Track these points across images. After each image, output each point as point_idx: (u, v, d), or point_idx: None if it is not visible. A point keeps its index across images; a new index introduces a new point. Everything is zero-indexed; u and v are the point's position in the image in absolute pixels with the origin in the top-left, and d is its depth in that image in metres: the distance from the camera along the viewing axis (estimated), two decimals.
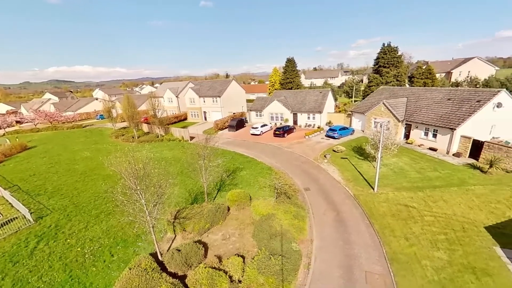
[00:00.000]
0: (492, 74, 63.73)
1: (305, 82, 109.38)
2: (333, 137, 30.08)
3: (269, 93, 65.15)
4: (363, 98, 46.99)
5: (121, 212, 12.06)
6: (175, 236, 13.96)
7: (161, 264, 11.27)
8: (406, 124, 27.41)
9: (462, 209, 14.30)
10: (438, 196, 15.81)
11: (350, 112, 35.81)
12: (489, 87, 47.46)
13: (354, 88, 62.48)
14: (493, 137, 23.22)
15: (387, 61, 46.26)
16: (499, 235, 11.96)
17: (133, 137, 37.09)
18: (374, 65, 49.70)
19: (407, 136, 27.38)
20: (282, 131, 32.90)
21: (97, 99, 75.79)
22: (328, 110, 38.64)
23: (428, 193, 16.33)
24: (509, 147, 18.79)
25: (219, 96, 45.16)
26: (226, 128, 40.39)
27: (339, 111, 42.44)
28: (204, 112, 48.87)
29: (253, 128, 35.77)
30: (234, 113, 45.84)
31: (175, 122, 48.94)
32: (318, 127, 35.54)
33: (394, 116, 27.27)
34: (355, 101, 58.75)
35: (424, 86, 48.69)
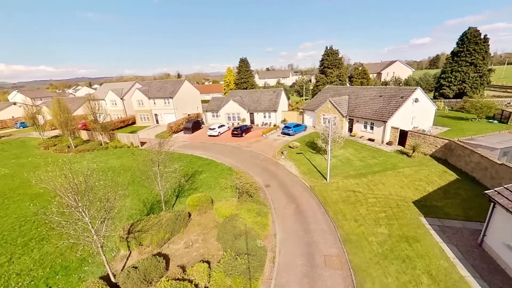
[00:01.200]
0: (410, 74, 76.85)
1: (259, 82, 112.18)
2: (288, 134, 31.74)
3: (225, 93, 64.74)
4: (312, 97, 50.85)
5: (58, 235, 10.36)
6: (130, 252, 12.67)
7: (115, 287, 10.08)
8: (349, 118, 30.79)
9: (396, 189, 16.88)
10: (377, 180, 18.28)
11: (302, 110, 38.29)
12: (408, 86, 57.05)
13: (304, 87, 67.09)
14: (414, 127, 28.05)
15: (330, 63, 51.09)
16: (422, 207, 14.54)
17: (68, 147, 32.01)
18: (320, 66, 54.32)
19: (350, 129, 30.80)
20: (240, 131, 33.09)
21: (15, 103, 62.66)
22: (282, 108, 40.54)
23: (370, 178, 18.73)
24: (425, 134, 23.00)
25: (171, 97, 42.64)
26: (181, 130, 38.47)
27: (292, 109, 44.96)
28: (155, 114, 45.47)
29: (210, 129, 34.98)
30: (189, 115, 43.97)
31: (122, 127, 44.23)
32: (274, 125, 36.96)
33: (339, 112, 30.31)
34: (305, 99, 63.11)
35: (361, 85, 55.57)
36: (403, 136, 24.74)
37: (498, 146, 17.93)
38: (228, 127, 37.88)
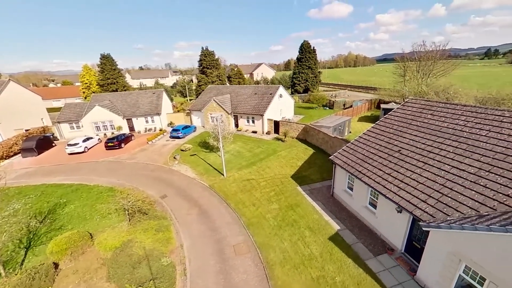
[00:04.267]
0: (273, 75, 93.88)
1: (133, 82, 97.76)
2: (178, 137, 30.15)
3: (85, 98, 51.25)
4: (197, 97, 50.73)
5: None
6: None
7: None
8: (234, 115, 33.51)
9: (278, 169, 20.46)
10: (265, 165, 21.34)
11: (188, 111, 37.37)
12: (274, 84, 69.58)
13: (187, 87, 65.55)
14: (283, 117, 34.87)
15: (209, 63, 52.83)
16: (297, 179, 18.58)
17: None
18: (199, 67, 54.90)
19: (236, 125, 33.69)
20: (117, 141, 27.64)
21: None
22: (167, 111, 37.73)
23: (258, 165, 21.51)
24: (291, 122, 29.24)
25: None
26: (18, 153, 26.89)
27: (178, 111, 42.88)
28: None
29: (70, 145, 26.70)
30: (28, 130, 31.33)
31: None
32: (161, 130, 33.82)
33: (225, 110, 32.25)
34: (190, 99, 61.98)
35: (239, 84, 61.69)
36: (276, 125, 30.14)
37: (331, 125, 25.87)
38: (99, 139, 30.58)
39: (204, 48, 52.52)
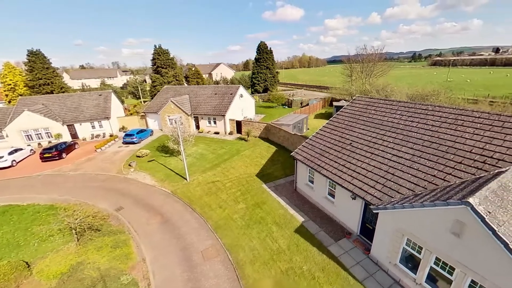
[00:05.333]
0: (232, 75, 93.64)
1: (73, 83, 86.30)
2: (133, 142, 27.71)
3: (9, 102, 43.01)
4: (152, 98, 47.32)
5: None
6: None
7: None
8: (194, 116, 32.34)
9: (243, 169, 20.54)
10: (229, 166, 21.17)
11: (143, 113, 34.63)
12: (234, 84, 69.46)
13: (140, 88, 60.53)
14: (244, 117, 35.09)
15: (163, 63, 49.77)
16: (262, 177, 18.96)
17: None
18: (153, 66, 51.26)
19: (197, 126, 32.60)
20: (56, 151, 23.97)
21: None
22: (117, 114, 34.25)
23: (223, 166, 21.24)
24: (253, 122, 29.63)
25: None
26: None
27: (131, 114, 39.36)
28: None
29: None
30: None
31: None
32: (111, 135, 30.55)
33: (184, 111, 30.87)
34: (144, 101, 57.50)
35: (198, 84, 59.77)
36: (239, 125, 30.18)
37: (290, 122, 27.10)
38: (32, 150, 26.04)
39: (157, 46, 49.26)
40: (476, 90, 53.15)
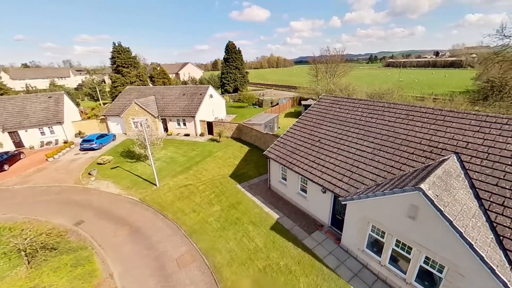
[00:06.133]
0: (201, 75, 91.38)
1: (14, 84, 75.72)
2: (92, 149, 25.30)
3: None
4: (113, 100, 43.76)
5: None
6: None
7: None
8: (162, 118, 30.77)
9: (216, 170, 20.21)
10: (202, 168, 20.64)
11: (103, 117, 31.82)
12: (203, 84, 67.80)
13: (98, 89, 55.39)
14: (216, 117, 34.51)
15: (125, 62, 46.31)
16: (236, 177, 18.88)
17: None
18: (112, 65, 47.33)
19: (166, 129, 31.09)
20: None
21: None
22: (72, 118, 30.90)
23: (195, 169, 20.62)
24: (224, 122, 29.30)
25: None
26: None
27: (89, 117, 35.89)
28: None
29: None
30: None
31: None
32: (66, 142, 27.48)
33: (150, 113, 29.16)
34: (104, 103, 52.86)
35: (164, 85, 56.97)
36: (210, 126, 29.58)
37: (262, 122, 27.46)
38: None
39: (117, 44, 45.65)
40: (422, 89, 60.11)
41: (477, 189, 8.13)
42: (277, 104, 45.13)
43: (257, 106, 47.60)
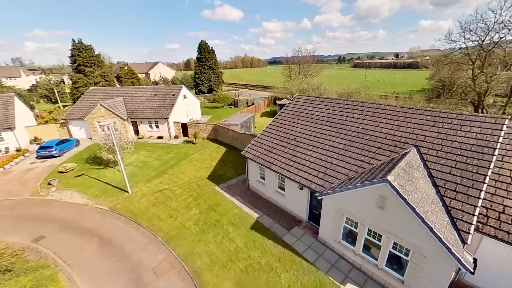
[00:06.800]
0: (173, 75, 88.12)
1: None
2: (52, 156, 22.96)
3: None
4: (74, 102, 40.13)
5: None
6: None
7: None
8: (131, 121, 29.02)
9: (193, 173, 19.67)
10: (178, 172, 19.91)
11: (64, 121, 29.03)
12: (175, 84, 65.44)
13: (56, 90, 50.29)
14: (190, 119, 33.55)
15: (87, 60, 42.74)
16: (214, 179, 18.57)
17: None
18: (73, 64, 43.35)
19: (136, 132, 29.41)
20: None
21: None
22: (26, 123, 27.69)
23: (170, 172, 19.83)
24: (199, 123, 28.62)
25: None
26: None
27: (46, 122, 32.48)
28: None
29: None
30: None
31: None
32: (19, 150, 24.54)
33: (118, 116, 27.33)
34: (64, 106, 48.26)
35: (133, 85, 53.83)
36: (184, 128, 28.68)
37: (238, 122, 27.37)
38: None
39: (77, 41, 41.91)
40: (385, 88, 65.01)
41: (434, 178, 9.04)
42: (253, 104, 45.36)
43: (232, 106, 47.32)
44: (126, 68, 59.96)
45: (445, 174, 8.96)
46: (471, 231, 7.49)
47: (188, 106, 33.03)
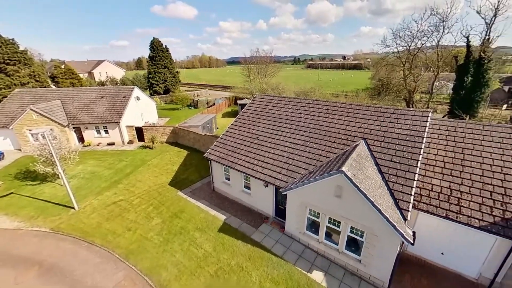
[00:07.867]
0: (123, 75, 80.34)
1: None
2: None
3: None
4: None
5: None
6: None
7: None
8: (74, 127, 25.48)
9: (152, 180, 18.33)
10: (134, 180, 18.29)
11: None
12: (126, 85, 59.88)
13: None
14: (146, 122, 31.12)
15: (9, 57, 35.80)
16: (176, 184, 17.63)
17: None
18: None
19: (81, 139, 25.96)
20: None
21: None
22: None
23: (125, 182, 18.10)
24: (156, 127, 26.78)
25: None
26: None
27: None
28: None
29: None
30: None
31: None
32: None
33: (55, 121, 23.65)
34: None
35: (73, 86, 47.30)
36: (140, 132, 26.48)
37: (199, 123, 26.51)
38: None
39: None
40: (336, 87, 71.12)
41: (379, 166, 10.29)
42: (213, 104, 44.50)
43: (192, 107, 45.62)
44: (63, 66, 52.31)
45: (387, 161, 10.28)
46: (410, 209, 8.78)
47: (142, 108, 30.58)
